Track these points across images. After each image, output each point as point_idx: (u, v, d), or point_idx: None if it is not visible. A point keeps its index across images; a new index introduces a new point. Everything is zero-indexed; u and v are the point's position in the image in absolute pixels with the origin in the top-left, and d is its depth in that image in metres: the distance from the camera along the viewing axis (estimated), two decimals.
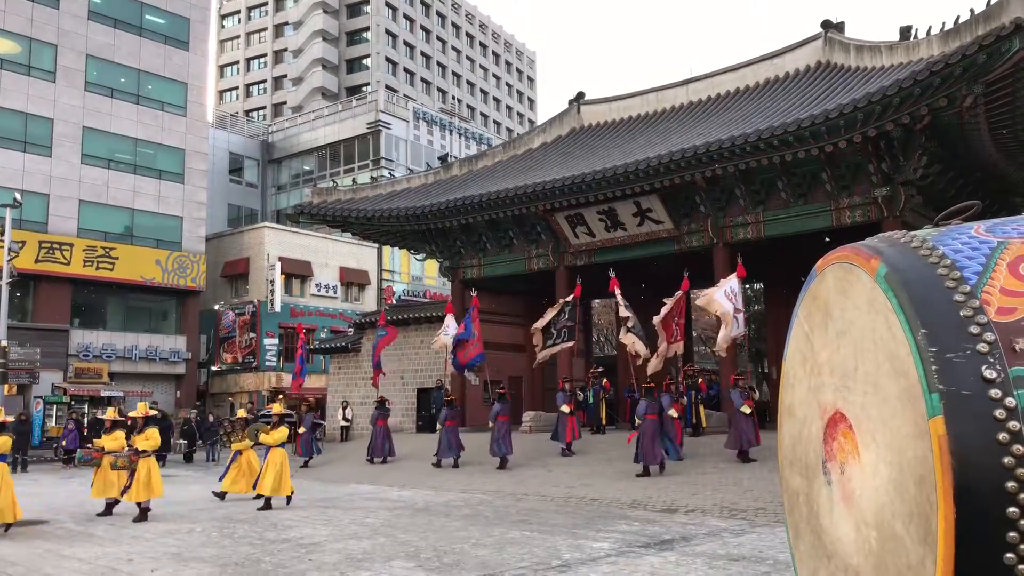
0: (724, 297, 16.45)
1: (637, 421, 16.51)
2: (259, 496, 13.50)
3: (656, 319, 17.71)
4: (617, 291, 18.72)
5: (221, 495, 14.58)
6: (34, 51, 34.53)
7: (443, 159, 30.21)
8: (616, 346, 31.51)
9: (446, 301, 27.48)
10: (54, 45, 34.98)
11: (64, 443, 24.75)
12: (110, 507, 12.77)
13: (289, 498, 13.72)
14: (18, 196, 26.14)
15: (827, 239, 18.71)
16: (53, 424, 30.46)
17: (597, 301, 35.63)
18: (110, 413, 13.95)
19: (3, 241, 24.98)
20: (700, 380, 20.65)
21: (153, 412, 14.34)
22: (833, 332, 2.69)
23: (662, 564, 8.43)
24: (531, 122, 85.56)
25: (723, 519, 11.61)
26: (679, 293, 18.45)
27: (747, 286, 18.94)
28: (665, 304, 17.96)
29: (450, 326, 21.85)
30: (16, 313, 30.60)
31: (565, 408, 17.69)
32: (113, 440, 12.65)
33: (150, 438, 12.54)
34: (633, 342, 17.98)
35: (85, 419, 29.12)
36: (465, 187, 24.50)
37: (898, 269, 2.25)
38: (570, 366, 20.65)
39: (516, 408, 26.29)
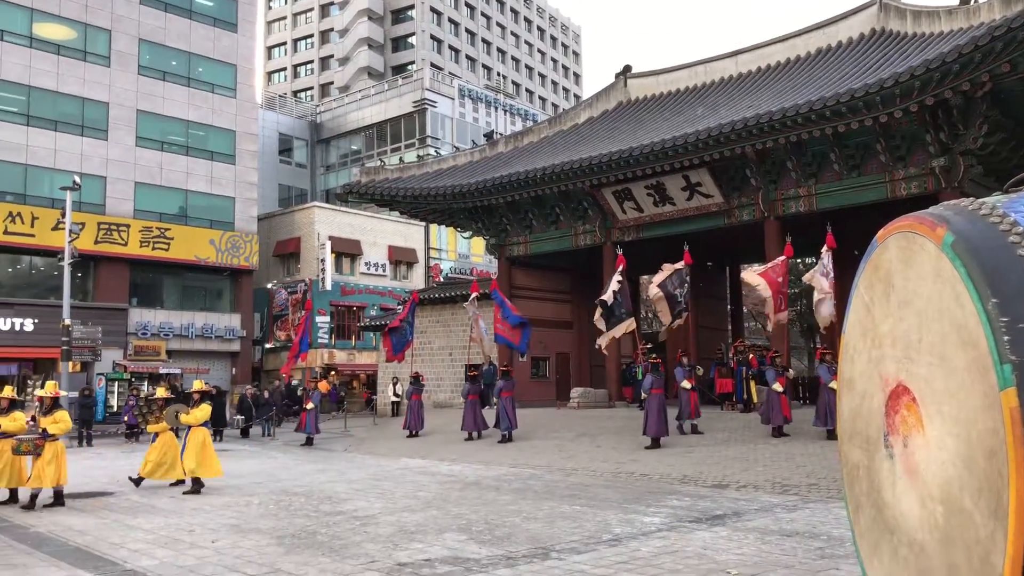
0: (821, 275, 15.98)
1: (643, 395, 17.10)
2: (180, 482, 12.86)
3: (758, 285, 16.99)
4: (676, 266, 18.26)
5: (138, 481, 13.13)
6: (89, 36, 35.21)
7: (489, 136, 30.17)
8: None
9: (492, 278, 27.56)
10: (108, 30, 35.63)
11: (127, 418, 25.49)
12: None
13: (197, 482, 12.55)
14: (77, 179, 26.81)
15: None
16: (116, 400, 31.40)
17: (645, 277, 35.43)
18: (161, 391, 13.83)
19: (64, 223, 25.68)
20: (751, 356, 20.41)
21: (209, 388, 14.48)
22: (896, 302, 2.64)
23: (714, 539, 8.40)
24: (577, 97, 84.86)
25: (775, 495, 11.51)
26: (781, 258, 17.43)
27: (798, 261, 18.58)
28: (758, 278, 17.12)
29: (475, 319, 21.99)
30: (78, 293, 31.48)
31: (686, 384, 17.05)
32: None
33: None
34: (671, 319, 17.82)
35: (145, 395, 29.94)
36: (511, 164, 24.45)
37: (966, 237, 2.19)
38: (686, 339, 19.92)
39: (564, 385, 26.38)
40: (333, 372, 41.37)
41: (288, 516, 10.25)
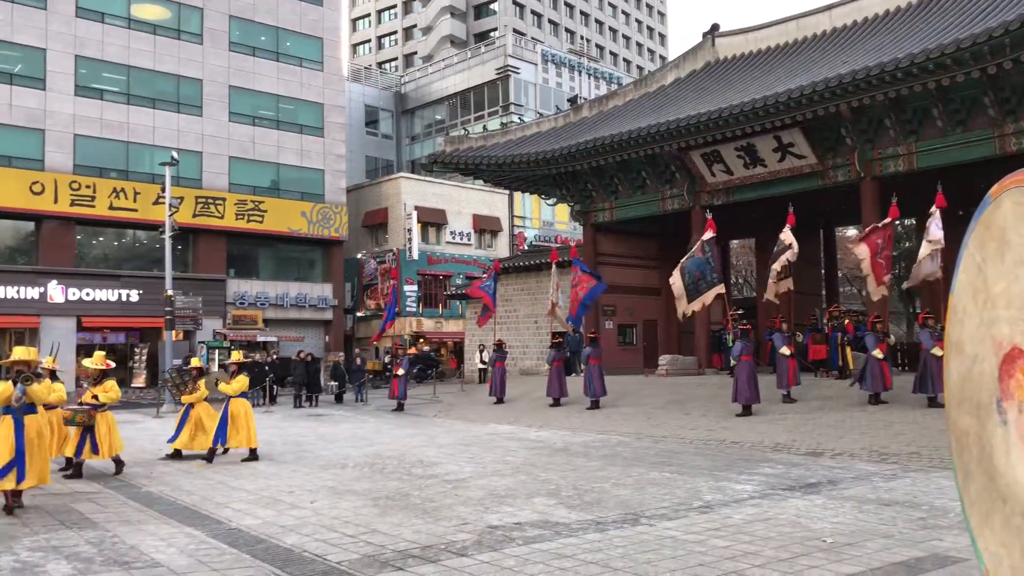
0: (931, 235, 15.25)
1: (732, 362, 16.81)
2: (217, 451, 12.51)
3: (862, 252, 16.38)
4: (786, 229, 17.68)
5: (176, 454, 12.80)
6: (183, 16, 36.32)
7: (572, 101, 29.86)
8: (756, 288, 30.67)
9: (572, 246, 27.43)
10: (200, 8, 36.65)
11: None
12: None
13: (253, 452, 12.47)
14: (175, 154, 27.85)
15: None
16: (216, 368, 32.72)
17: (735, 242, 34.67)
18: (195, 362, 13.55)
19: (164, 197, 26.74)
20: (847, 321, 19.78)
21: (248, 359, 14.38)
22: (1011, 261, 2.50)
23: (808, 507, 8.24)
24: (662, 58, 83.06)
25: (873, 463, 11.19)
26: (888, 221, 16.69)
27: (897, 223, 17.78)
28: (861, 242, 16.43)
29: (551, 287, 21.98)
30: (179, 265, 32.82)
31: (785, 350, 16.63)
32: (239, 383, 12.57)
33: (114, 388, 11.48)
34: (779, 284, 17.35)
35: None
36: (595, 129, 24.17)
37: None
38: (789, 304, 19.33)
39: (651, 352, 26.16)
40: (421, 340, 42.11)
41: (382, 479, 10.53)
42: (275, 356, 30.41)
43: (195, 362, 13.62)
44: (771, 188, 21.37)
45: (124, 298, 33.40)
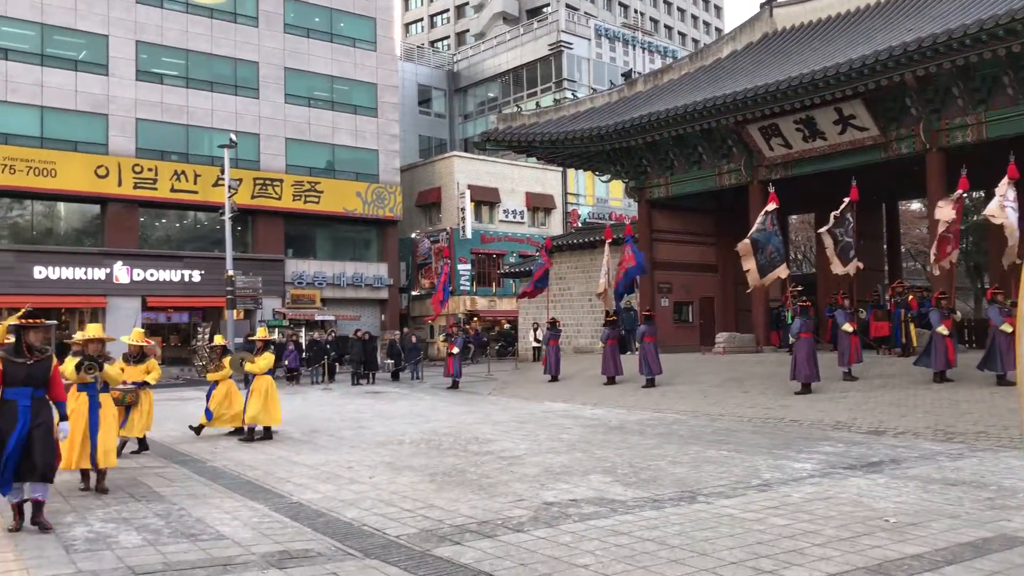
0: (999, 206, 14.71)
1: (791, 339, 16.51)
2: (240, 429, 12.57)
3: (947, 214, 15.79)
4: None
5: (198, 429, 12.91)
6: None
7: (627, 76, 29.49)
8: (816, 263, 30.07)
9: (630, 223, 27.20)
10: None
11: (287, 362, 27.12)
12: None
13: (268, 430, 12.46)
14: (233, 137, 28.33)
15: None
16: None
17: (794, 217, 33.97)
18: (219, 339, 13.37)
19: (224, 179, 27.25)
20: (910, 297, 19.27)
21: (272, 337, 14.31)
22: None
23: (870, 486, 8.09)
24: (718, 31, 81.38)
25: (937, 442, 10.92)
26: (958, 193, 16.09)
27: (966, 195, 17.16)
28: (949, 211, 15.84)
29: (603, 267, 21.93)
30: (238, 245, 33.48)
31: (848, 327, 16.21)
32: (265, 360, 12.45)
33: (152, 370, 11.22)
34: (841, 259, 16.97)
35: (303, 341, 31.78)
36: (650, 103, 23.84)
37: None
38: (847, 280, 18.91)
39: (708, 329, 25.88)
40: (475, 318, 42.33)
41: (438, 455, 10.64)
42: (332, 335, 30.91)
43: (218, 340, 13.56)
44: (831, 162, 20.85)
45: (187, 278, 34.24)
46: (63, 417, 7.00)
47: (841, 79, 18.00)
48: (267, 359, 12.53)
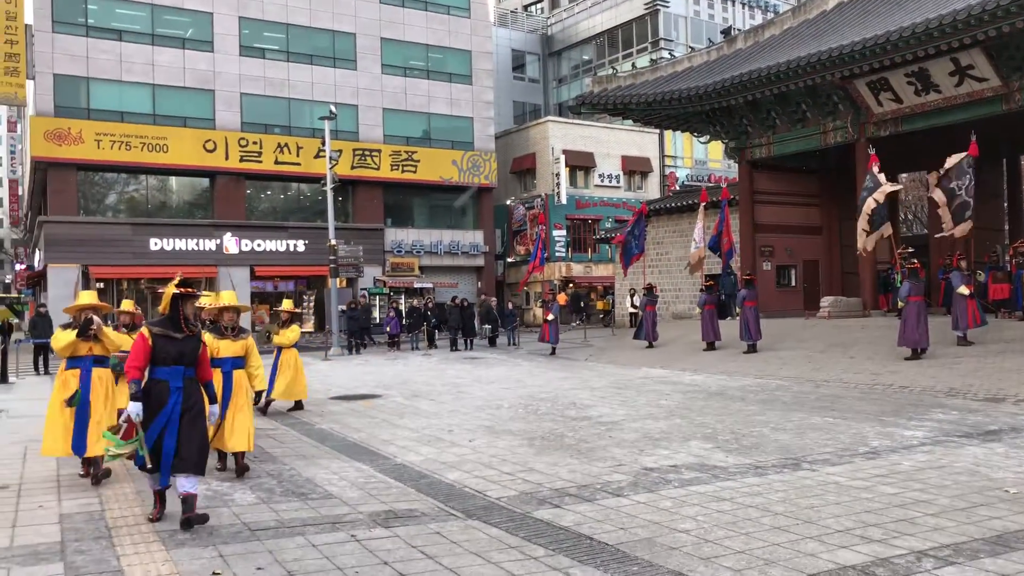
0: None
1: (899, 303, 15.82)
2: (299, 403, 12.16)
3: None
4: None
5: (264, 407, 11.82)
6: None
7: (726, 33, 28.59)
8: (928, 224, 28.71)
9: (727, 186, 26.53)
10: None
11: (389, 329, 27.77)
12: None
13: (299, 403, 12.14)
14: (333, 108, 28.91)
15: None
16: (377, 313, 34.29)
17: (904, 176, 32.43)
18: (287, 304, 12.78)
19: (325, 151, 27.90)
20: None
21: (298, 310, 13.75)
22: None
23: (987, 455, 7.73)
24: None
25: None
26: None
27: None
28: None
29: (697, 233, 21.45)
30: (340, 215, 34.29)
31: (964, 290, 15.49)
32: (292, 332, 12.02)
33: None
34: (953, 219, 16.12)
35: (403, 308, 32.49)
36: (751, 60, 23.05)
37: None
38: (964, 241, 17.99)
39: (812, 294, 25.10)
40: (571, 284, 42.26)
41: (536, 420, 10.73)
42: (431, 302, 31.45)
43: (287, 305, 12.76)
44: (945, 116, 19.74)
45: (291, 248, 35.38)
46: (212, 399, 6.48)
47: (959, 27, 16.94)
48: (294, 331, 12.09)
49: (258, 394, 9.64)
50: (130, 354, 6.06)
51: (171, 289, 6.15)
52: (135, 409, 5.84)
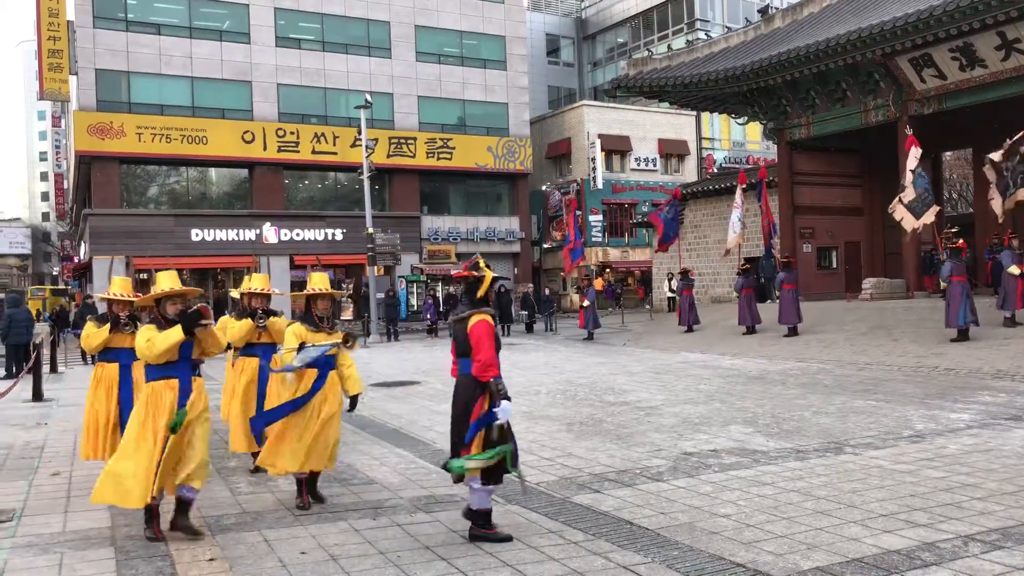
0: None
1: (942, 284, 15.47)
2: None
3: None
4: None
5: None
6: None
7: (763, 12, 28.09)
8: (972, 203, 28.09)
9: (766, 167, 26.16)
10: None
11: (428, 316, 27.96)
12: None
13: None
14: (368, 97, 29.04)
15: None
16: (415, 300, 34.52)
17: (948, 154, 31.75)
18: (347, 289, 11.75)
19: (361, 140, 28.06)
20: None
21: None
22: None
23: None
24: None
25: None
26: None
27: None
28: None
29: (735, 217, 21.32)
30: (376, 203, 34.49)
31: (1015, 270, 15.16)
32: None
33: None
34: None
35: (440, 295, 32.65)
36: (789, 39, 22.67)
37: None
38: (1014, 221, 17.45)
39: (854, 275, 24.71)
40: (608, 270, 42.11)
41: (574, 405, 10.73)
42: None
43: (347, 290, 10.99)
44: (990, 92, 19.24)
45: (329, 237, 35.69)
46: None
47: None
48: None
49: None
50: (486, 347, 5.25)
51: (489, 274, 5.44)
52: (508, 408, 5.21)
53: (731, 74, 22.63)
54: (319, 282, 6.47)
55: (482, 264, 5.46)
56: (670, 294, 30.12)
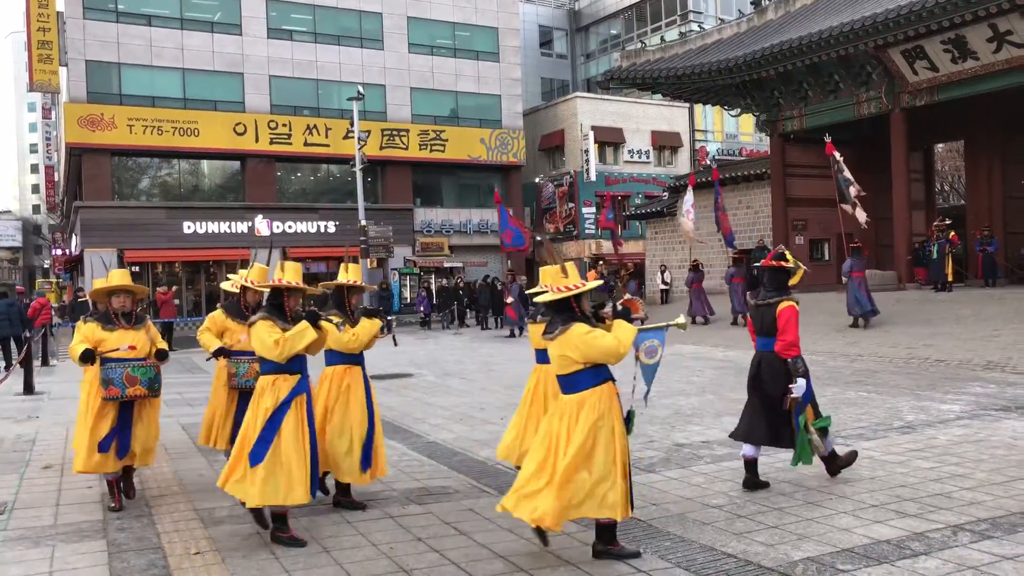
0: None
1: (843, 279, 17.02)
2: None
3: None
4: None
5: None
6: None
7: (756, 3, 28.08)
8: (964, 195, 28.21)
9: (760, 159, 26.20)
10: None
11: (422, 309, 27.95)
12: None
13: None
14: (360, 89, 28.94)
15: None
16: (408, 293, 34.50)
17: (940, 146, 31.83)
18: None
19: (353, 131, 27.98)
20: None
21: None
22: None
23: None
24: None
25: None
26: None
27: None
28: None
29: (688, 204, 21.72)
30: (369, 196, 34.43)
31: None
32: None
33: None
34: None
35: (434, 288, 32.62)
36: (782, 31, 22.69)
37: None
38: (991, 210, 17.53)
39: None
40: (601, 262, 42.07)
41: None
42: (461, 281, 31.53)
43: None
44: (982, 84, 19.31)
45: (322, 229, 35.59)
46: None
47: None
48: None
49: None
50: (791, 329, 6.02)
51: (801, 269, 6.21)
52: (803, 386, 5.89)
53: (724, 66, 22.64)
54: (353, 274, 6.23)
55: (789, 256, 6.17)
56: (663, 286, 30.13)
